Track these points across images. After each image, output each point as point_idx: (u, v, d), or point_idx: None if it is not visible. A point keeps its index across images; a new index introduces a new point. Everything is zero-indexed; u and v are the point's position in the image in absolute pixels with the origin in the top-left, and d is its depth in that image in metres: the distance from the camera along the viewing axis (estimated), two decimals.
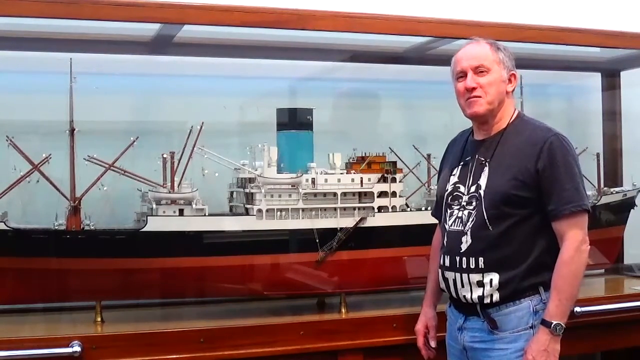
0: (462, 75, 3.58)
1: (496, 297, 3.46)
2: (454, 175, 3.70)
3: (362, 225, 4.49)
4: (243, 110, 5.01)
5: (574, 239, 3.42)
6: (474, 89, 3.55)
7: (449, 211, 3.65)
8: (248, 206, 4.43)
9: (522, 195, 3.44)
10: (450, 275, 3.61)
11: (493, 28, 4.54)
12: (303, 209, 4.45)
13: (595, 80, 5.78)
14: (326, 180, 4.51)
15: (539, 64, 5.32)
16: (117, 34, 4.38)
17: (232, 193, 4.64)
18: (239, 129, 5.00)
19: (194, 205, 4.30)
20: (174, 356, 3.90)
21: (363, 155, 4.71)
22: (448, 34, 4.57)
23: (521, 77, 4.76)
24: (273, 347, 4.06)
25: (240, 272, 4.40)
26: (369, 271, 4.53)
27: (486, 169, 3.54)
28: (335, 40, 4.70)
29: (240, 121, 4.98)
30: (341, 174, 4.58)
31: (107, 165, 4.17)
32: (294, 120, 4.58)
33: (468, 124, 3.80)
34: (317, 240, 4.39)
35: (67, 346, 3.72)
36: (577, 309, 4.49)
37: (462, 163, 3.68)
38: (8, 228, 4.03)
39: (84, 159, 4.15)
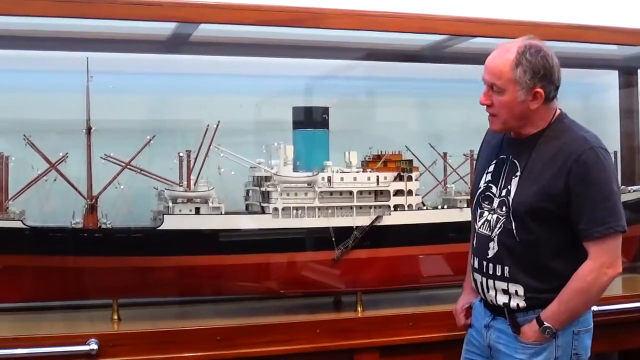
0: (484, 83, 3.43)
1: (522, 304, 3.39)
2: (488, 172, 3.56)
3: (378, 224, 4.49)
4: (259, 109, 5.01)
5: (600, 261, 3.27)
6: (488, 105, 3.41)
7: (479, 211, 3.54)
8: (264, 204, 4.43)
9: (549, 209, 3.29)
10: (478, 277, 3.54)
11: (509, 26, 4.52)
12: (319, 208, 4.45)
13: (612, 77, 5.75)
14: (342, 179, 4.51)
15: None
16: (134, 33, 4.39)
17: (248, 191, 4.66)
18: (255, 128, 5.00)
19: (210, 204, 4.31)
20: (191, 354, 3.91)
21: (379, 153, 4.70)
22: (464, 32, 4.56)
23: None
24: (289, 345, 4.07)
25: (257, 271, 4.41)
26: (385, 270, 4.53)
27: (518, 174, 3.40)
28: (351, 39, 4.70)
29: (256, 120, 4.98)
30: (357, 172, 4.58)
31: (123, 164, 4.18)
32: (310, 119, 4.59)
33: (483, 123, 3.74)
34: (333, 239, 4.39)
35: (85, 344, 3.74)
36: (594, 307, 4.46)
37: (496, 161, 3.54)
38: (25, 226, 4.05)
39: (101, 157, 4.17)
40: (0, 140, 4.34)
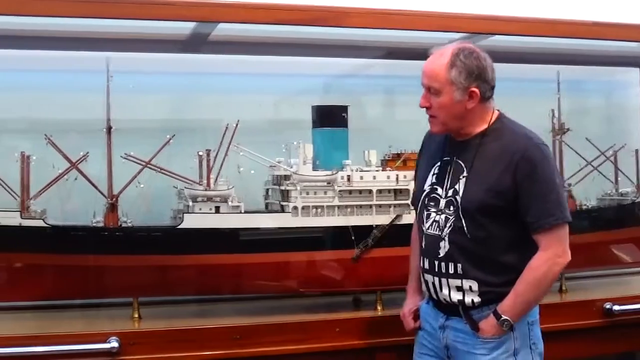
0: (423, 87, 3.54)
1: (477, 300, 3.44)
2: (432, 174, 3.61)
3: (398, 223, 4.48)
4: (278, 108, 5.02)
5: (550, 251, 3.37)
6: (427, 107, 3.51)
7: (425, 212, 3.59)
8: (284, 203, 4.44)
9: (499, 205, 3.37)
10: (429, 278, 3.57)
11: (528, 23, 4.51)
12: (338, 206, 4.45)
13: (633, 75, 5.71)
14: (361, 178, 4.50)
15: (576, 60, 5.27)
16: (153, 33, 4.41)
17: (267, 190, 4.66)
18: (274, 127, 5.01)
19: (229, 203, 4.32)
20: (210, 352, 3.91)
21: (399, 152, 4.69)
22: (483, 30, 4.53)
23: (558, 72, 4.73)
24: (309, 344, 4.07)
25: (276, 269, 4.41)
26: (404, 268, 4.51)
27: (464, 174, 3.47)
28: (371, 37, 4.69)
29: (275, 118, 4.99)
30: (377, 171, 4.58)
31: (143, 163, 4.20)
32: (329, 118, 4.58)
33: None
34: (353, 238, 4.38)
35: (105, 342, 3.76)
36: (616, 307, 4.46)
37: (439, 163, 3.60)
38: (47, 225, 4.08)
39: (121, 156, 4.19)
40: (22, 139, 4.39)
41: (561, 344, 4.42)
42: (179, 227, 4.23)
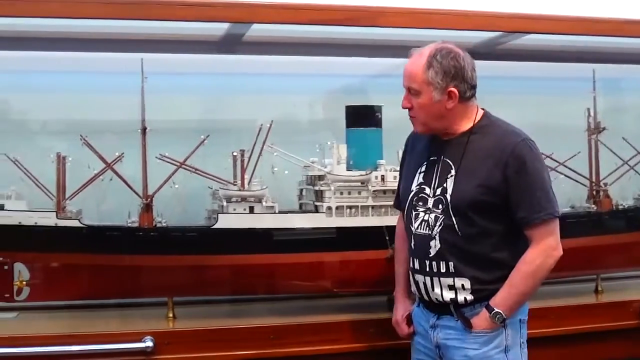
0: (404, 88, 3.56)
1: (470, 298, 3.44)
2: (420, 173, 3.60)
3: None
4: (312, 108, 5.02)
5: (545, 244, 3.40)
6: (408, 108, 3.54)
7: (413, 213, 3.57)
8: (317, 203, 4.44)
9: (489, 201, 3.38)
10: (420, 278, 3.55)
11: (566, 22, 4.47)
12: (372, 206, 4.44)
13: None
14: (395, 177, 4.48)
15: (613, 58, 5.21)
16: (187, 34, 4.43)
17: (301, 190, 4.66)
18: (308, 127, 5.01)
19: (264, 203, 4.33)
20: (245, 352, 3.93)
21: None
22: (521, 29, 4.50)
23: (594, 71, 4.68)
24: (343, 344, 4.07)
25: (310, 269, 4.41)
26: None
27: (452, 172, 3.46)
28: (403, 37, 4.67)
29: (309, 119, 4.99)
30: None
31: (178, 164, 4.22)
32: (363, 117, 4.57)
33: (534, 121, 3.71)
34: (387, 238, 4.36)
35: (140, 341, 3.78)
36: None
37: (426, 163, 3.59)
38: (82, 225, 4.12)
39: (156, 157, 4.22)
40: (58, 140, 4.43)
41: (597, 345, 4.40)
42: (213, 227, 4.25)
